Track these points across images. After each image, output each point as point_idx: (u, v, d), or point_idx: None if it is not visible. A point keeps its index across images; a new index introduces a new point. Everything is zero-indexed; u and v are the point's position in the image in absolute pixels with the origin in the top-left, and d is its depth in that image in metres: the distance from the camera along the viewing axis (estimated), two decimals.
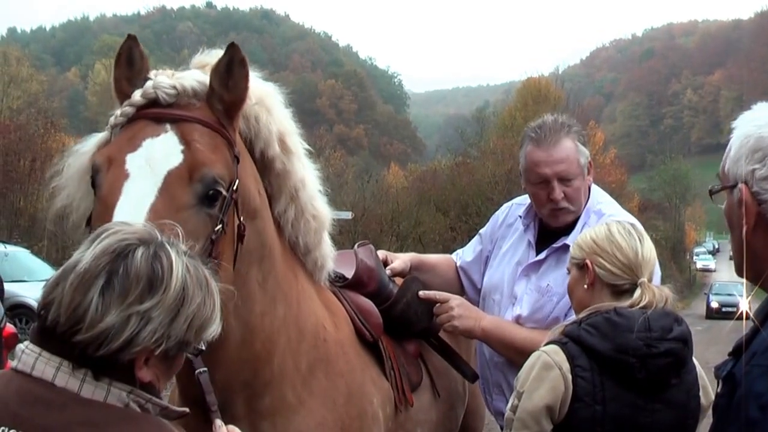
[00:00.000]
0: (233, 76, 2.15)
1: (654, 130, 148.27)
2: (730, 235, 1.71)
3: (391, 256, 3.31)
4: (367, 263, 3.02)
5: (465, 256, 3.44)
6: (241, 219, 2.16)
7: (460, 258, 3.48)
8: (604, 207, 3.04)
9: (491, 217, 3.46)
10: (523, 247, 3.14)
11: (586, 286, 2.47)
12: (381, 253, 3.24)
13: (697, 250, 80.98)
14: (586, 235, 2.55)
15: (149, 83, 2.13)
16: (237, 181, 2.13)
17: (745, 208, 1.60)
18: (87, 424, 1.47)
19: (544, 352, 2.37)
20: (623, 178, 51.39)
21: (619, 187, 42.18)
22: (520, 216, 3.18)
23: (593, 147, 36.44)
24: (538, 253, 3.06)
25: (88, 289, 1.48)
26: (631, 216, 3.00)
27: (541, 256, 3.03)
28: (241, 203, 2.17)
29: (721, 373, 1.65)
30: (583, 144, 3.02)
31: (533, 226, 3.13)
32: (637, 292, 2.39)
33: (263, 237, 2.33)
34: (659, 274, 2.69)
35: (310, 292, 2.63)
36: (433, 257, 3.60)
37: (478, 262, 3.37)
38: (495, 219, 3.39)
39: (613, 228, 2.49)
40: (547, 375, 2.32)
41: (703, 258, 77.42)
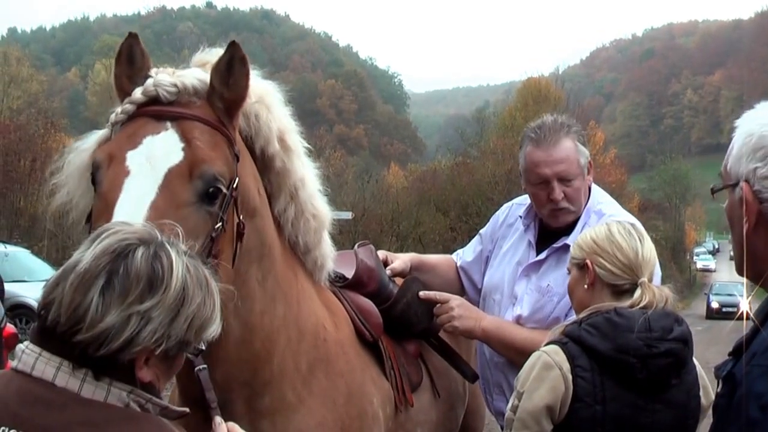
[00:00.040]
0: (234, 74, 2.15)
1: (654, 130, 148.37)
2: (731, 233, 1.71)
3: (392, 256, 3.31)
4: (367, 263, 3.02)
5: (465, 256, 3.44)
6: (240, 217, 2.15)
7: (460, 258, 3.48)
8: (605, 207, 3.04)
9: (491, 217, 3.45)
10: (523, 247, 3.13)
11: (587, 286, 2.47)
12: (381, 254, 3.23)
13: (697, 251, 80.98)
14: (586, 235, 2.55)
15: (150, 81, 2.13)
16: (237, 179, 2.13)
17: (746, 206, 1.60)
18: (87, 424, 1.47)
19: (544, 352, 2.37)
20: (623, 178, 51.33)
21: (619, 187, 42.12)
22: (521, 216, 3.18)
23: (593, 147, 36.42)
24: (539, 253, 3.05)
25: (89, 289, 1.48)
26: (632, 216, 2.99)
27: (542, 256, 3.03)
28: (241, 201, 2.16)
29: (721, 373, 1.65)
30: (582, 144, 3.02)
31: (533, 226, 3.13)
32: (638, 292, 2.39)
33: (263, 235, 2.33)
34: (659, 274, 2.69)
35: (310, 291, 2.63)
36: (433, 257, 3.60)
37: (478, 262, 3.37)
38: (495, 219, 3.39)
39: (614, 228, 2.49)
40: (547, 375, 2.32)
41: (703, 258, 77.43)
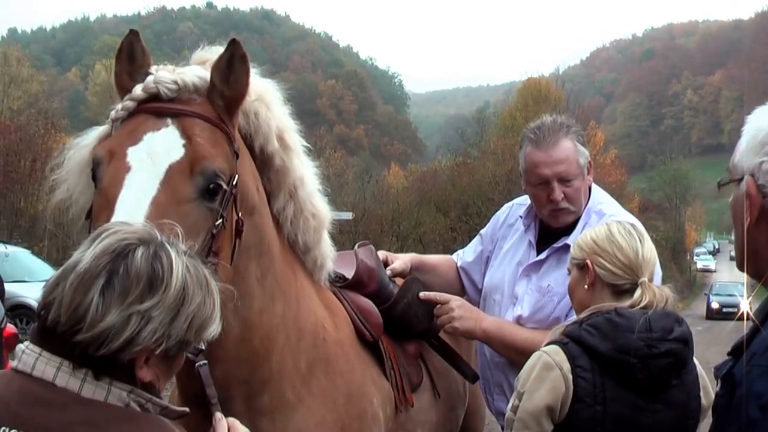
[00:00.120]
0: (234, 72, 2.15)
1: (654, 131, 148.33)
2: (734, 229, 1.70)
3: (392, 256, 3.31)
4: (367, 263, 3.02)
5: (466, 257, 3.44)
6: (239, 214, 2.16)
7: (460, 258, 3.48)
8: (605, 207, 3.04)
9: (492, 217, 3.46)
10: (523, 247, 3.13)
11: (587, 286, 2.47)
12: (381, 254, 3.23)
13: (697, 251, 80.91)
14: (586, 235, 2.55)
15: (150, 78, 2.13)
16: (236, 176, 2.13)
17: (749, 200, 1.59)
18: (87, 423, 1.47)
19: (544, 353, 2.37)
20: (623, 179, 51.34)
21: (620, 188, 42.13)
22: (521, 216, 3.18)
23: (593, 147, 36.44)
24: (539, 253, 3.05)
25: (89, 289, 1.48)
26: (632, 216, 2.99)
27: (542, 256, 3.03)
28: (240, 198, 2.17)
29: (720, 373, 1.65)
30: (582, 144, 3.02)
31: (534, 226, 3.13)
32: (638, 292, 2.39)
33: (261, 233, 2.33)
34: (660, 274, 2.69)
35: (310, 291, 2.63)
36: (433, 258, 3.60)
37: (478, 262, 3.37)
38: (496, 219, 3.39)
39: (614, 228, 2.48)
40: (547, 375, 2.32)
41: (704, 258, 77.39)
